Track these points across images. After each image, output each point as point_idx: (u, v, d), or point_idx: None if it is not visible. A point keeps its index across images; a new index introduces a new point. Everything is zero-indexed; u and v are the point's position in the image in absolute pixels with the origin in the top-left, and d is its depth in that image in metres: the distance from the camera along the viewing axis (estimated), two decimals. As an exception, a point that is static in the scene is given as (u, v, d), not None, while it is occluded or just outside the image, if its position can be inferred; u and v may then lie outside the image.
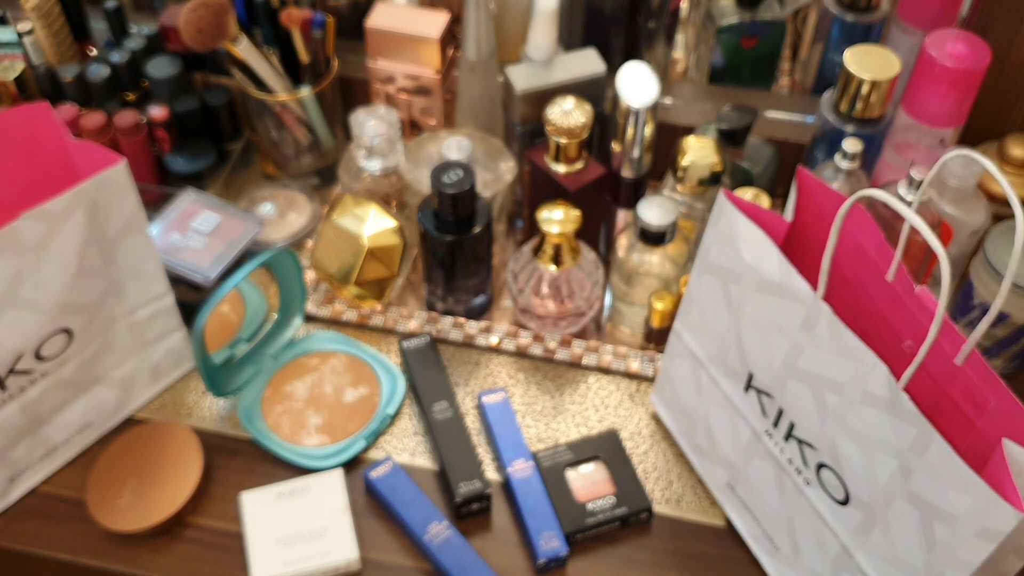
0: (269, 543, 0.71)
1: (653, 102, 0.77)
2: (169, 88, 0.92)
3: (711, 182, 0.81)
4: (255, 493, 0.73)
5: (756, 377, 0.65)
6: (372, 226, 0.83)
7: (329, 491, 0.74)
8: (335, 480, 0.74)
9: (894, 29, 0.89)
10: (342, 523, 0.72)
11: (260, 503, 0.73)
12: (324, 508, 0.73)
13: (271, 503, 0.73)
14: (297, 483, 0.74)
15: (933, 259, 0.76)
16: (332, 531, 0.72)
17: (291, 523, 0.72)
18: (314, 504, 0.73)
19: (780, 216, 0.65)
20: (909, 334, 0.56)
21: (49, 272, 0.67)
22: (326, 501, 0.73)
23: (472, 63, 0.87)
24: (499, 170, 0.86)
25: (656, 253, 0.82)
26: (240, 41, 0.87)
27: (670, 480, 0.77)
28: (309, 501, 0.73)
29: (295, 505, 0.73)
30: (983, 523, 0.50)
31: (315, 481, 0.74)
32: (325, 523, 0.72)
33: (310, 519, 0.72)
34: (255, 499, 0.73)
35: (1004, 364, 0.82)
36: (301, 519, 0.72)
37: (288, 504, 0.73)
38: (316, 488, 0.74)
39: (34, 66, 0.91)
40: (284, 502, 0.73)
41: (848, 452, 0.58)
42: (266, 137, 0.95)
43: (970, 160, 0.75)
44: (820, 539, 0.64)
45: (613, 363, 0.84)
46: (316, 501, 0.73)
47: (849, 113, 0.81)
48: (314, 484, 0.74)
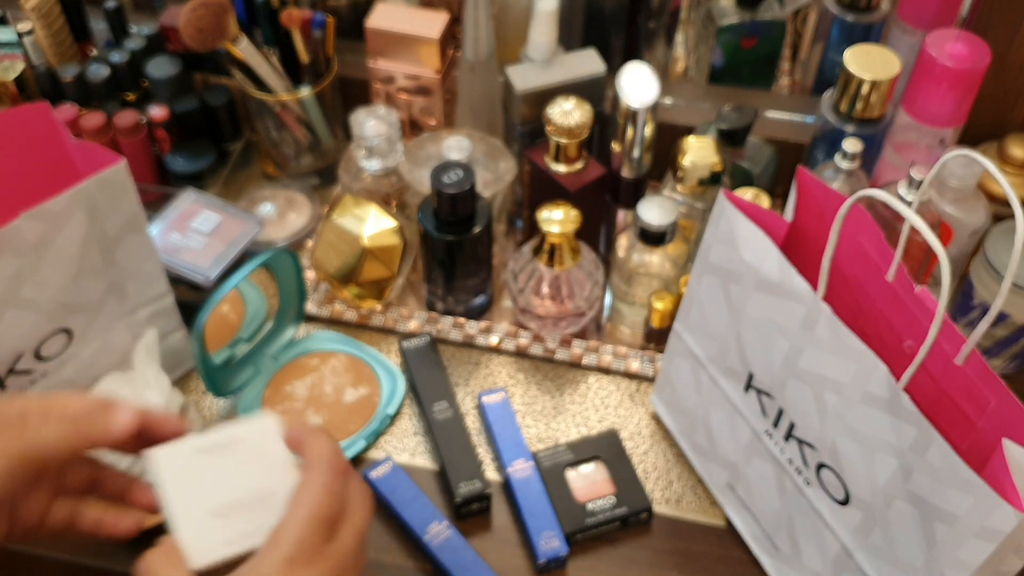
0: (199, 516, 0.53)
1: (653, 102, 0.77)
2: (169, 88, 0.92)
3: (711, 182, 0.81)
4: (170, 449, 0.54)
5: (756, 377, 0.65)
6: (372, 226, 0.83)
7: (266, 441, 0.55)
8: (269, 427, 0.55)
9: (894, 29, 0.89)
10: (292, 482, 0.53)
11: (178, 462, 0.54)
12: (266, 465, 0.54)
13: (192, 462, 0.54)
14: (220, 435, 0.55)
15: (933, 259, 0.76)
16: (279, 495, 0.53)
17: (225, 489, 0.53)
18: (252, 461, 0.54)
19: (780, 216, 0.65)
20: (909, 334, 0.56)
21: (49, 272, 0.67)
22: (267, 455, 0.54)
23: (472, 63, 0.87)
24: (499, 170, 0.86)
25: (656, 253, 0.82)
26: (240, 41, 0.87)
27: (670, 480, 0.77)
28: (244, 458, 0.54)
29: (226, 464, 0.54)
30: (983, 523, 0.50)
31: (243, 431, 0.55)
32: (269, 483, 0.53)
33: (250, 480, 0.54)
34: (172, 456, 0.54)
35: (1004, 364, 0.82)
36: (238, 482, 0.54)
37: (217, 463, 0.54)
38: (247, 441, 0.55)
39: (34, 66, 0.91)
40: (210, 461, 0.54)
41: (848, 452, 0.58)
42: (266, 137, 0.95)
43: (970, 160, 0.75)
44: (820, 539, 0.64)
45: (613, 363, 0.84)
46: (253, 457, 0.54)
47: (849, 113, 0.81)
48: (244, 436, 0.55)
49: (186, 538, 0.52)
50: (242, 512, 0.53)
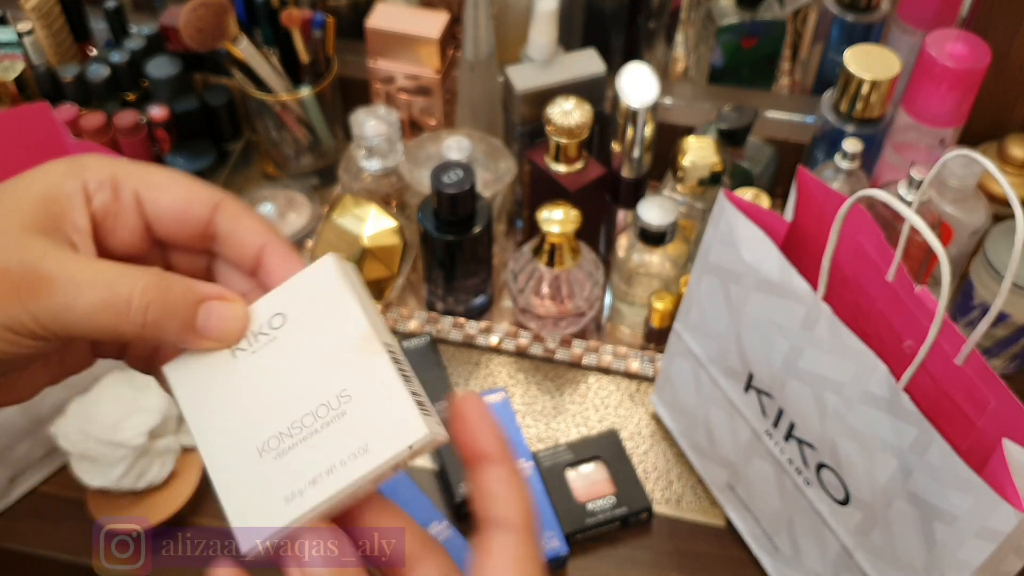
0: (241, 459, 0.34)
1: (653, 102, 0.77)
2: (169, 88, 0.92)
3: (711, 182, 0.81)
4: (191, 361, 0.36)
5: (756, 377, 0.65)
6: (372, 226, 0.83)
7: (327, 310, 0.35)
8: (330, 275, 0.36)
9: (894, 29, 0.89)
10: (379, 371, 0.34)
11: (205, 374, 0.36)
12: (329, 355, 0.35)
13: (226, 370, 0.36)
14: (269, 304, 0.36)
15: (933, 259, 0.76)
16: (363, 397, 0.34)
17: (277, 406, 0.35)
18: (306, 355, 0.35)
19: (780, 216, 0.65)
20: (909, 334, 0.56)
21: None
22: (329, 334, 0.35)
23: (472, 63, 0.87)
24: (499, 170, 0.86)
25: (656, 253, 0.82)
26: (240, 41, 0.87)
27: (670, 480, 0.77)
28: (295, 348, 0.35)
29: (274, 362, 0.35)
30: (983, 523, 0.50)
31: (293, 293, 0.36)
32: (343, 385, 0.34)
33: (311, 389, 0.35)
34: (194, 368, 0.36)
35: (1004, 364, 0.82)
36: (295, 391, 0.35)
37: (260, 364, 0.35)
38: (297, 312, 0.36)
39: (34, 66, 0.91)
40: (249, 362, 0.35)
41: (848, 452, 0.58)
42: (266, 137, 0.95)
43: (970, 160, 0.75)
44: (820, 539, 0.64)
45: (613, 363, 0.84)
46: (307, 346, 0.35)
47: (849, 113, 0.81)
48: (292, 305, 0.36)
49: (230, 506, 0.35)
50: (307, 442, 0.34)
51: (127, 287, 0.34)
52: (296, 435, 0.34)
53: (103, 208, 0.36)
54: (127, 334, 0.34)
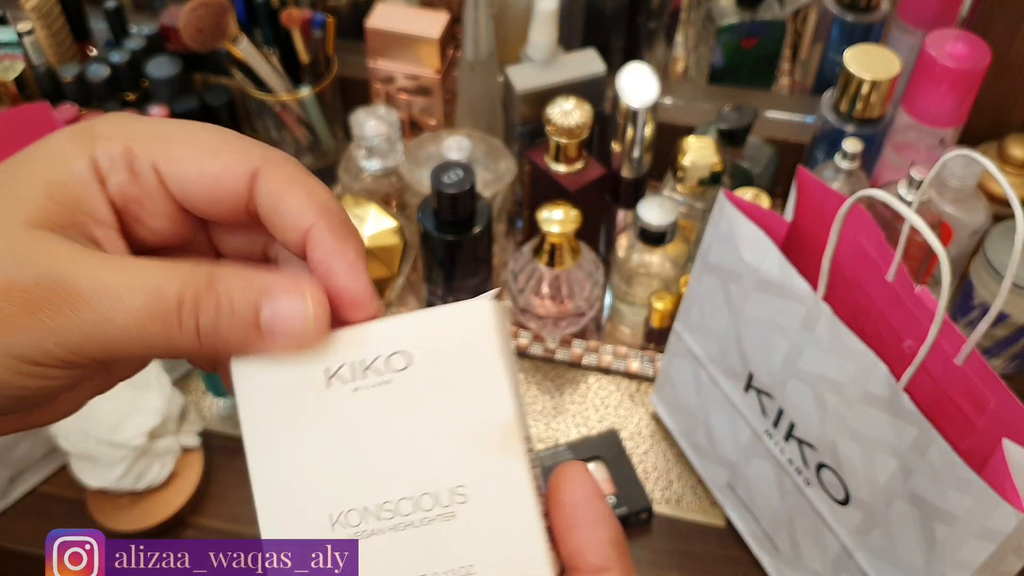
0: (305, 522, 0.27)
1: (653, 102, 0.77)
2: (169, 88, 0.92)
3: (711, 182, 0.81)
4: (268, 367, 0.29)
5: (756, 377, 0.65)
6: (372, 226, 0.83)
7: (467, 372, 0.28)
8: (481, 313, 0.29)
9: (894, 29, 0.89)
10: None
11: (284, 391, 0.28)
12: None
13: (313, 397, 0.28)
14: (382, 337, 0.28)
15: (933, 259, 0.76)
16: (483, 506, 0.27)
17: (369, 472, 0.28)
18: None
19: (780, 216, 0.65)
20: (909, 334, 0.56)
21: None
22: (462, 406, 0.28)
23: (472, 63, 0.87)
24: (499, 170, 0.86)
25: (656, 253, 0.82)
26: (240, 41, 0.87)
27: (670, 480, 0.77)
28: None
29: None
30: (983, 523, 0.50)
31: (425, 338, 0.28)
32: (462, 479, 0.27)
33: (420, 468, 0.28)
34: (271, 378, 0.29)
35: (1004, 364, 0.82)
36: (399, 463, 0.28)
37: (360, 408, 0.28)
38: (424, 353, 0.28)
39: (34, 66, 0.91)
40: (347, 399, 0.28)
41: (848, 452, 0.58)
42: (266, 137, 0.95)
43: (970, 160, 0.75)
44: (820, 539, 0.64)
45: (613, 363, 0.84)
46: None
47: (849, 113, 0.81)
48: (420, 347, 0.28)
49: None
50: (397, 534, 0.27)
51: (176, 288, 0.27)
52: (385, 520, 0.27)
53: (121, 191, 0.29)
54: (183, 347, 0.27)
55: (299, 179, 0.29)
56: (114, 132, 0.29)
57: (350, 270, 0.29)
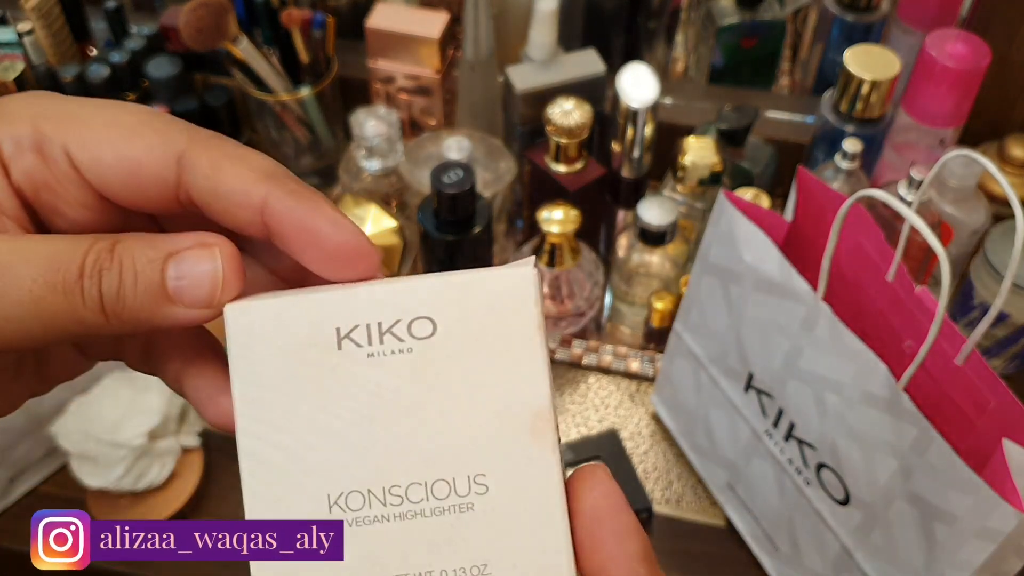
0: (300, 499, 0.24)
1: (653, 102, 0.77)
2: (169, 88, 0.92)
3: (711, 182, 0.81)
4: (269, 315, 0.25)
5: (756, 377, 0.65)
6: (372, 226, 0.83)
7: (501, 346, 0.24)
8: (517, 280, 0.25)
9: (894, 29, 0.89)
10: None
11: (285, 347, 0.25)
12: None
13: (319, 359, 0.24)
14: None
15: (933, 259, 0.76)
16: (505, 498, 0.24)
17: (377, 449, 0.24)
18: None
19: (780, 216, 0.65)
20: (909, 334, 0.56)
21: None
22: (491, 384, 0.24)
23: (472, 63, 0.87)
24: (499, 170, 0.86)
25: (656, 253, 0.82)
26: (240, 41, 0.87)
27: (670, 480, 0.77)
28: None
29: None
30: (983, 523, 0.50)
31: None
32: (484, 466, 0.24)
33: (437, 450, 0.24)
34: (271, 331, 0.25)
35: (1004, 364, 0.82)
36: (412, 443, 0.24)
37: (374, 376, 0.24)
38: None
39: (34, 66, 0.91)
40: (359, 365, 0.24)
41: (848, 452, 0.58)
42: (266, 137, 0.95)
43: (970, 160, 0.75)
44: (820, 539, 0.64)
45: (613, 363, 0.84)
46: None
47: (849, 113, 0.81)
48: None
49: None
50: (404, 523, 0.24)
51: (78, 255, 0.24)
52: (392, 507, 0.24)
53: (29, 178, 0.25)
54: (88, 322, 0.24)
55: (233, 154, 0.26)
56: (23, 112, 0.25)
57: (332, 222, 0.25)
